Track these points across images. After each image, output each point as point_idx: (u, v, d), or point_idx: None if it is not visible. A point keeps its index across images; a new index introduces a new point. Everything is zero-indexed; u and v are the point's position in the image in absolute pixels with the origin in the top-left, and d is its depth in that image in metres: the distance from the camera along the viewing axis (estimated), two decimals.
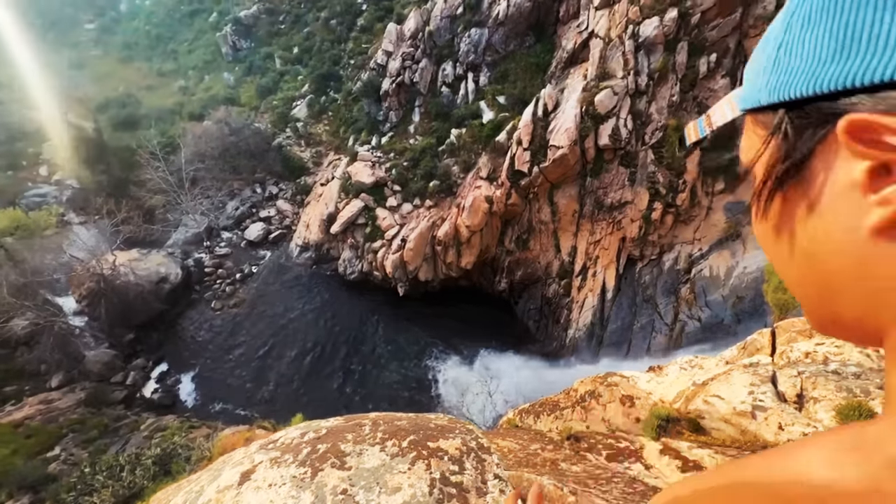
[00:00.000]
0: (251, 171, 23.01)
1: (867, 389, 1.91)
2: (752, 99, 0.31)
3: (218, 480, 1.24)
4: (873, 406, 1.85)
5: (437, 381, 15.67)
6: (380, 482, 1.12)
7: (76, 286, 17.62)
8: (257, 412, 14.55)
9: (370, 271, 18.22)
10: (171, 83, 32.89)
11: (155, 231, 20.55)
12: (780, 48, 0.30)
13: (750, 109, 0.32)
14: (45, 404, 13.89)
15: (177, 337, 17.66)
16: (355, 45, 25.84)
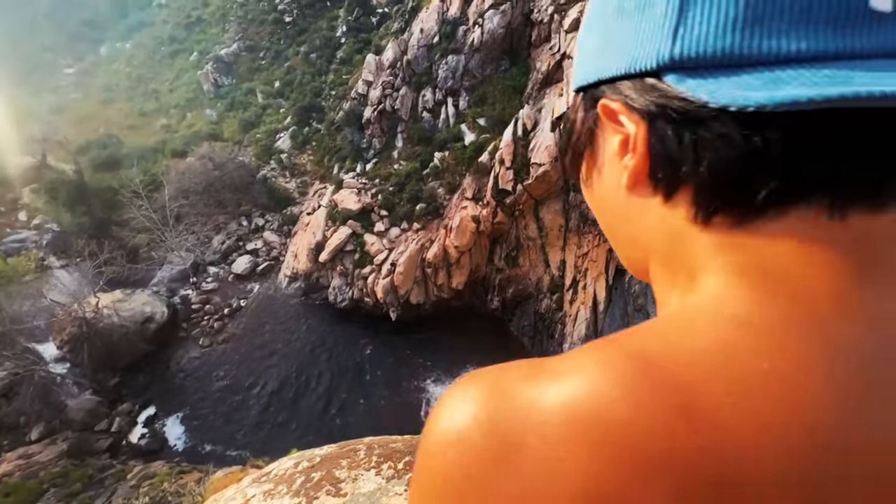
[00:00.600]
0: (236, 205, 22.93)
1: None
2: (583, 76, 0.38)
3: None
4: None
5: (430, 403, 15.40)
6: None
7: (57, 332, 17.08)
8: (250, 451, 14.03)
9: (361, 298, 18.06)
10: (153, 122, 33.01)
11: (139, 270, 20.17)
12: (577, 46, 0.38)
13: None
14: (24, 459, 13.21)
15: (164, 378, 17.11)
16: (336, 77, 26.40)
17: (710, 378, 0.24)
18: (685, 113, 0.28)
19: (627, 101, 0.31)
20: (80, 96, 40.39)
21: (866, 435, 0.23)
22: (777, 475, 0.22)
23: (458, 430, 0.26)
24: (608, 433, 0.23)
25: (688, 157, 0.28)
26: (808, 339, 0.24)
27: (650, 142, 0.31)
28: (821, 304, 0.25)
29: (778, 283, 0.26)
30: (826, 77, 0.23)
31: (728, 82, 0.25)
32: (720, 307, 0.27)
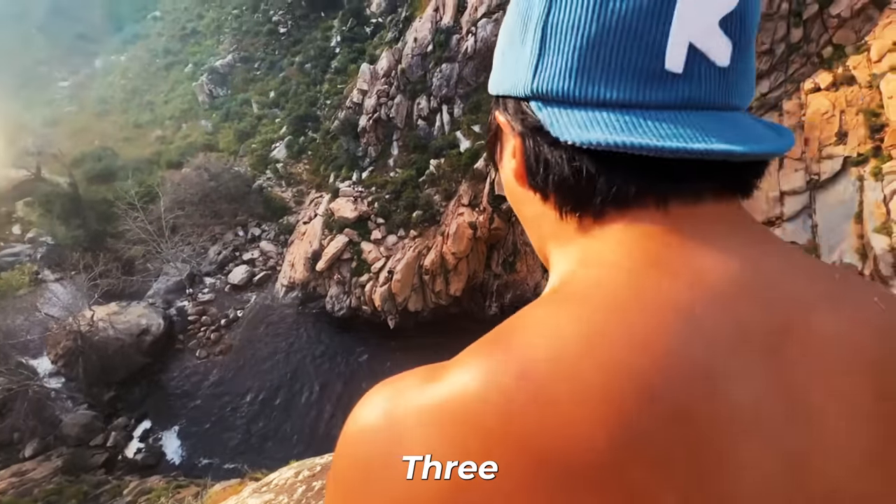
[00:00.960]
0: (232, 215, 22.87)
1: None
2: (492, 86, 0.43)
3: None
4: None
5: None
6: None
7: (52, 346, 16.89)
8: (248, 463, 13.85)
9: (359, 306, 17.99)
10: (148, 134, 32.98)
11: (135, 282, 20.01)
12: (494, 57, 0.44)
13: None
14: (17, 476, 12.98)
15: (160, 391, 16.91)
16: (331, 87, 26.53)
17: (539, 346, 0.28)
18: (540, 136, 0.35)
19: (509, 117, 0.39)
20: (74, 109, 40.34)
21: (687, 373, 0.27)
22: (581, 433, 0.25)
23: (361, 425, 0.31)
24: (466, 412, 0.27)
25: (540, 170, 0.36)
26: (622, 301, 0.30)
27: (524, 153, 0.38)
28: (647, 273, 0.31)
29: (609, 263, 0.33)
30: (624, 122, 0.31)
31: (566, 116, 0.33)
32: (567, 287, 0.33)
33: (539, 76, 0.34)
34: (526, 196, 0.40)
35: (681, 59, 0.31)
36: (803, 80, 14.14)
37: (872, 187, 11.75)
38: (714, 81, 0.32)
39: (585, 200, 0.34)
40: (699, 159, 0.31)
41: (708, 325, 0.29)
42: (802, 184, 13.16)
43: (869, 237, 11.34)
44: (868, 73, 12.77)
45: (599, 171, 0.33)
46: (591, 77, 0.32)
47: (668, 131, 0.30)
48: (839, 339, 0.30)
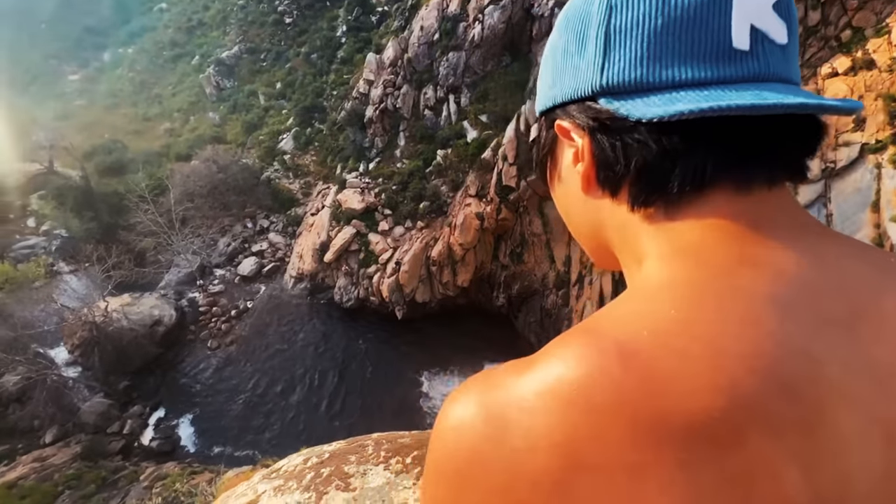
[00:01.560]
0: (241, 207, 23.04)
1: None
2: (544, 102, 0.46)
3: None
4: None
5: (436, 400, 15.41)
6: (385, 500, 1.11)
7: (68, 336, 17.28)
8: (259, 450, 14.14)
9: (367, 297, 18.11)
10: (156, 127, 33.22)
11: (147, 274, 20.33)
12: (539, 79, 0.47)
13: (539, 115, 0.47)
14: (39, 462, 13.40)
15: (174, 380, 17.27)
16: (337, 77, 26.40)
17: (637, 331, 0.30)
18: (614, 125, 0.37)
19: (575, 119, 0.41)
20: (84, 103, 40.72)
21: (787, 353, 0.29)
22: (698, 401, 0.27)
23: (457, 419, 0.31)
24: (570, 394, 0.28)
25: (620, 159, 0.38)
26: (714, 290, 0.32)
27: (594, 150, 0.40)
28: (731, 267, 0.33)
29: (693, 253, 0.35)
30: (704, 96, 0.33)
31: (641, 102, 0.35)
32: (650, 281, 0.35)
33: (607, 72, 0.37)
34: (589, 203, 0.42)
35: (745, 38, 0.34)
36: (820, 64, 13.74)
37: (891, 175, 11.45)
38: (777, 57, 0.35)
39: (663, 184, 0.36)
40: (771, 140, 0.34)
41: (793, 311, 0.30)
42: (817, 172, 12.87)
43: (885, 226, 11.10)
44: (888, 56, 12.37)
45: (681, 148, 0.35)
46: (662, 63, 0.35)
47: (748, 97, 0.32)
48: None
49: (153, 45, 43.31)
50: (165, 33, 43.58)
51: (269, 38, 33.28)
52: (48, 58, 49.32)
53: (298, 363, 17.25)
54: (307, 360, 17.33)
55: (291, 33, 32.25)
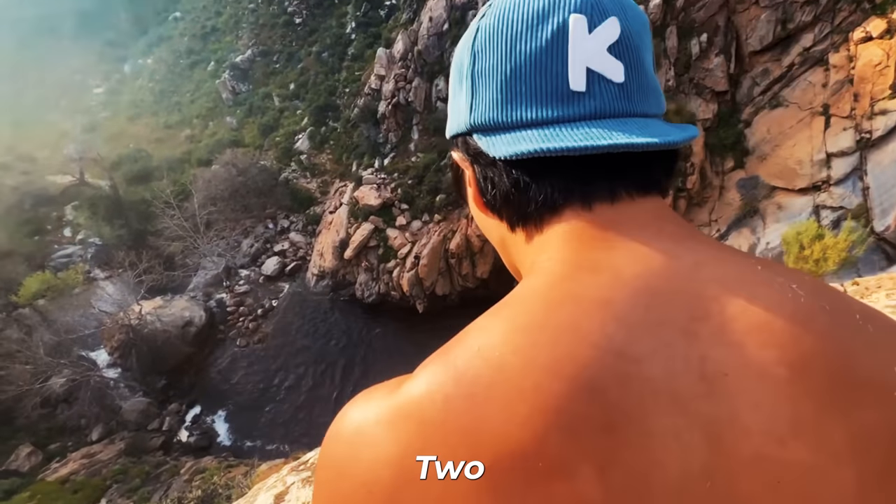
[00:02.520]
0: (262, 208, 23.52)
1: None
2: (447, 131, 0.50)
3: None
4: None
5: None
6: None
7: (107, 339, 18.12)
8: (290, 443, 14.57)
9: (387, 292, 18.29)
10: (178, 134, 34.14)
11: (176, 277, 21.07)
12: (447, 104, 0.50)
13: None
14: (87, 458, 14.18)
15: (206, 378, 17.92)
16: (349, 74, 26.49)
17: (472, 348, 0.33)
18: (483, 160, 0.43)
19: (460, 151, 0.47)
20: (109, 114, 42.17)
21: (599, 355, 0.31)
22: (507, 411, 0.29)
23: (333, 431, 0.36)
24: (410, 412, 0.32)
25: (488, 188, 0.43)
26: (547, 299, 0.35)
27: (476, 179, 0.45)
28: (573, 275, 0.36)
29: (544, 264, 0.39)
30: (544, 135, 0.37)
31: (497, 139, 0.40)
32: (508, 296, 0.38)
33: (474, 112, 0.42)
34: (488, 221, 0.47)
35: (581, 80, 0.38)
36: (852, 29, 12.95)
37: None
38: (614, 94, 0.39)
39: (524, 209, 0.41)
40: (609, 160, 0.38)
41: (624, 313, 0.32)
42: (852, 143, 12.19)
43: None
44: None
45: (530, 180, 0.39)
46: (512, 105, 0.40)
47: (581, 136, 0.36)
48: (755, 320, 0.32)
49: (170, 54, 44.37)
50: (181, 42, 44.54)
51: (281, 39, 33.60)
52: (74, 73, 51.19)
53: (323, 358, 17.62)
54: (332, 354, 17.68)
55: (302, 33, 32.47)
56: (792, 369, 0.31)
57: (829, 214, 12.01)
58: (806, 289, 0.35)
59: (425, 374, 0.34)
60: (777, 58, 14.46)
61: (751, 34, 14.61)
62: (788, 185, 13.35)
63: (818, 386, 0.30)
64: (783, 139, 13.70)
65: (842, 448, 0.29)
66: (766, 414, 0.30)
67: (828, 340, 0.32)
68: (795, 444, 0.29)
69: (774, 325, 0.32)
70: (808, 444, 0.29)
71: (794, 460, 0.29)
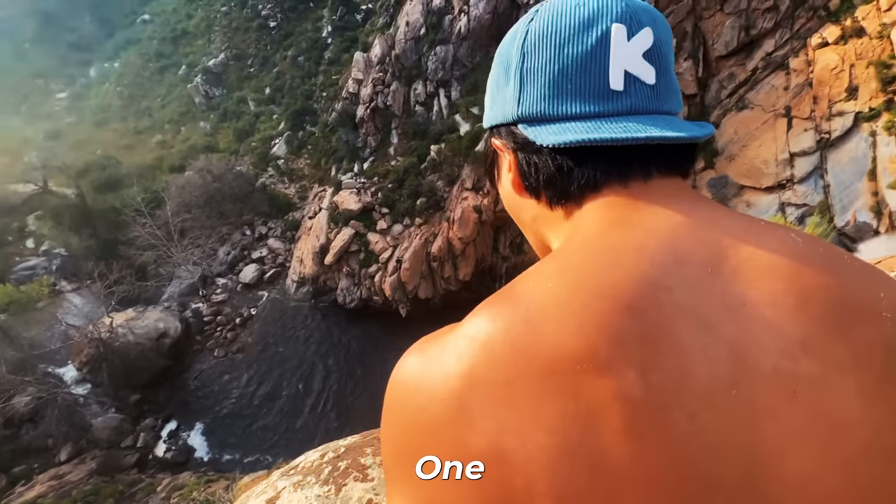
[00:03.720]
0: (238, 215, 23.02)
1: None
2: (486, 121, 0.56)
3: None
4: None
5: None
6: None
7: (75, 354, 17.35)
8: (272, 454, 14.24)
9: (370, 297, 18.15)
10: (148, 140, 33.09)
11: (149, 287, 20.36)
12: (486, 96, 0.56)
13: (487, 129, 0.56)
14: (56, 479, 13.51)
15: (183, 391, 17.36)
16: (325, 78, 26.28)
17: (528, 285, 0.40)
18: (528, 147, 0.48)
19: (504, 139, 0.52)
20: (74, 120, 40.52)
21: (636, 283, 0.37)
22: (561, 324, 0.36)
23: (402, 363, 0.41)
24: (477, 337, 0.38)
25: (532, 172, 0.49)
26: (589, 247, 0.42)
27: (517, 164, 0.51)
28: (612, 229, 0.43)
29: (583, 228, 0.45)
30: (587, 127, 0.44)
31: (544, 130, 0.46)
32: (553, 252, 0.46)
33: (522, 105, 0.48)
34: (523, 203, 0.52)
35: (620, 81, 0.44)
36: (810, 35, 13.65)
37: (886, 142, 11.41)
38: (647, 94, 0.45)
39: (567, 189, 0.47)
40: (644, 147, 0.44)
41: (655, 255, 0.39)
42: (812, 143, 12.83)
43: (883, 194, 11.07)
44: (878, 23, 12.28)
45: (574, 164, 0.46)
46: (559, 100, 0.46)
47: (620, 129, 0.43)
48: (764, 260, 0.39)
49: (139, 58, 43.02)
50: (150, 45, 43.27)
51: (255, 43, 33.06)
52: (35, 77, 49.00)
53: (305, 366, 17.32)
54: (314, 362, 17.40)
55: (277, 37, 32.04)
56: (797, 298, 0.37)
57: (793, 211, 12.59)
58: (802, 237, 0.42)
59: (484, 309, 0.40)
60: (742, 62, 15.11)
61: (717, 40, 15.24)
62: (756, 183, 13.93)
63: (820, 311, 0.36)
64: (750, 140, 14.31)
65: (844, 361, 0.35)
66: (780, 335, 0.35)
67: (824, 274, 0.38)
68: (806, 360, 0.35)
69: (780, 263, 0.38)
70: (816, 358, 0.35)
71: (805, 373, 0.34)
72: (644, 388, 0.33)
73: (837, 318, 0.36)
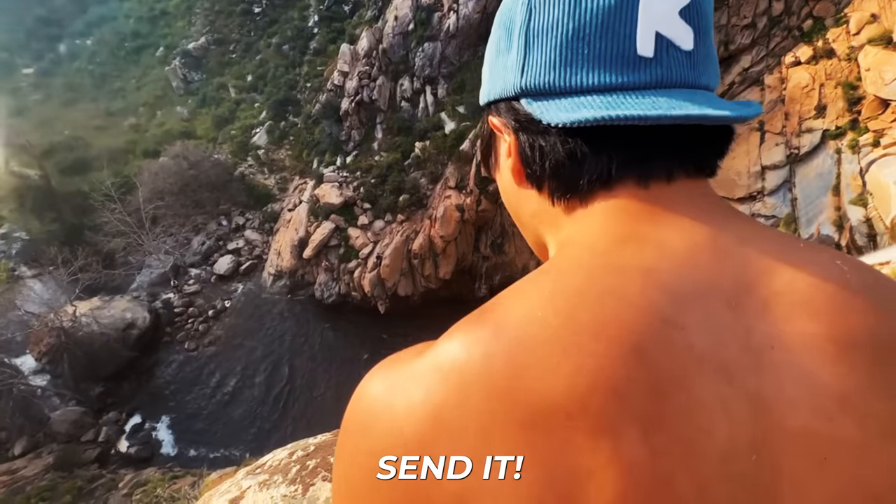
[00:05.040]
0: (215, 204, 22.37)
1: None
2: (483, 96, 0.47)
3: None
4: None
5: None
6: None
7: (34, 343, 16.53)
8: (243, 451, 13.93)
9: (348, 292, 17.95)
10: (121, 122, 31.76)
11: (116, 276, 19.57)
12: (482, 73, 0.48)
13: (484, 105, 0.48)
14: (9, 475, 12.86)
15: (150, 384, 16.78)
16: (310, 69, 25.78)
17: (514, 309, 0.33)
18: (532, 127, 0.39)
19: (503, 117, 0.43)
20: (40, 97, 38.51)
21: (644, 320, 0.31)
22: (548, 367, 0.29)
23: (364, 389, 0.36)
24: (449, 369, 0.31)
25: (536, 159, 0.40)
26: (590, 266, 0.35)
27: (519, 148, 0.42)
28: (618, 244, 0.35)
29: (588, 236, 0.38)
30: (607, 102, 0.35)
31: (553, 105, 0.37)
32: (547, 264, 0.38)
33: (526, 74, 0.39)
34: (522, 194, 0.44)
35: (650, 45, 0.35)
36: (784, 53, 14.21)
37: (849, 160, 11.98)
38: (682, 63, 0.36)
39: (575, 182, 0.38)
40: (670, 138, 0.37)
41: (668, 281, 0.32)
42: (783, 158, 13.37)
43: (845, 209, 11.63)
44: (847, 45, 12.88)
45: (587, 150, 0.37)
46: (573, 68, 0.37)
47: (649, 105, 0.34)
48: (802, 294, 0.32)
49: (114, 36, 41.22)
50: (126, 23, 41.53)
51: (238, 28, 32.16)
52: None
53: (279, 361, 17.01)
54: (288, 357, 17.10)
55: (261, 23, 31.25)
56: (838, 344, 0.30)
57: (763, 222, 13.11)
58: (850, 265, 0.34)
59: (461, 332, 0.33)
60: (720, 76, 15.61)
61: None
62: (729, 194, 14.43)
63: (865, 361, 0.30)
64: None
65: (888, 425, 0.29)
66: (813, 389, 0.29)
67: (874, 316, 0.31)
68: (842, 420, 0.29)
69: (820, 299, 0.32)
70: (855, 420, 0.29)
71: (840, 437, 0.29)
72: (647, 452, 0.27)
73: (884, 372, 0.30)
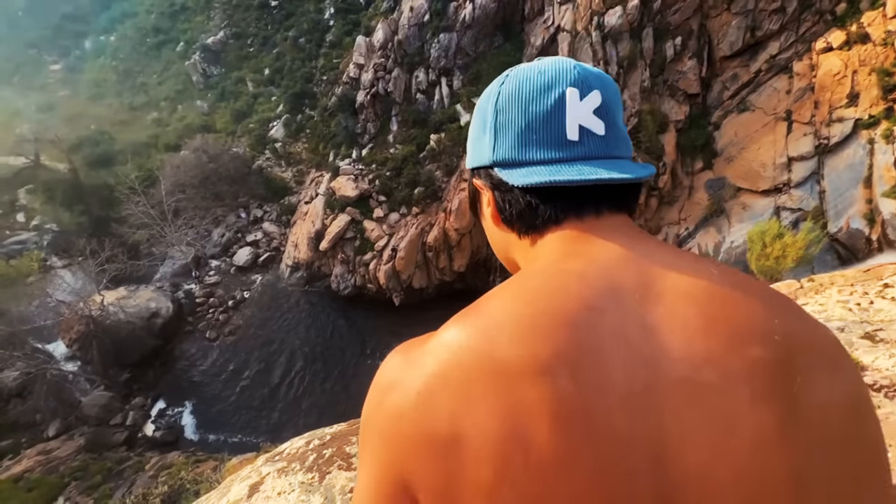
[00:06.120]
0: (234, 197, 22.80)
1: (850, 341, 1.98)
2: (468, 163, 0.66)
3: (227, 496, 1.24)
4: (857, 356, 1.92)
5: None
6: None
7: (65, 330, 17.25)
8: (262, 437, 14.33)
9: (364, 284, 18.13)
10: (143, 117, 32.51)
11: (141, 266, 20.20)
12: (468, 143, 0.66)
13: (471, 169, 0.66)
14: (43, 455, 13.53)
15: (174, 371, 17.35)
16: (326, 61, 25.86)
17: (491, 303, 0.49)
18: (503, 186, 0.58)
19: (482, 179, 0.61)
20: (68, 93, 39.70)
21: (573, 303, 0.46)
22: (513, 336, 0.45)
23: (380, 374, 0.52)
24: (442, 351, 0.47)
25: (507, 208, 0.59)
26: (544, 272, 0.51)
27: (494, 201, 0.60)
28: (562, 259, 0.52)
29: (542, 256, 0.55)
30: (549, 171, 0.54)
31: (515, 172, 0.56)
32: (514, 278, 0.54)
33: (496, 152, 0.58)
34: (500, 233, 0.62)
35: (575, 132, 0.54)
36: (815, 39, 13.60)
37: (883, 150, 11.46)
38: (598, 143, 0.55)
39: (533, 222, 0.57)
40: (596, 187, 0.55)
41: (594, 282, 0.48)
42: (811, 148, 12.86)
43: (877, 201, 11.15)
44: (883, 30, 12.26)
45: (539, 201, 0.56)
46: (526, 149, 0.56)
47: (576, 171, 0.53)
48: (684, 288, 0.47)
49: (136, 32, 42.05)
50: (147, 19, 42.26)
51: (255, 22, 32.40)
52: (28, 47, 47.82)
53: (297, 351, 17.36)
54: (305, 347, 17.43)
55: (278, 17, 31.41)
56: (706, 320, 0.45)
57: (788, 215, 12.65)
58: (720, 269, 0.50)
59: (454, 323, 0.49)
60: (746, 63, 15.04)
61: (722, 39, 15.13)
62: (752, 186, 13.97)
63: (724, 331, 0.44)
64: (749, 142, 14.30)
65: (739, 373, 0.42)
66: (688, 350, 0.43)
67: (731, 301, 0.46)
68: (707, 371, 0.42)
69: (696, 291, 0.47)
70: (716, 370, 0.42)
71: (706, 381, 0.42)
72: (573, 388, 0.41)
73: (737, 338, 0.43)
